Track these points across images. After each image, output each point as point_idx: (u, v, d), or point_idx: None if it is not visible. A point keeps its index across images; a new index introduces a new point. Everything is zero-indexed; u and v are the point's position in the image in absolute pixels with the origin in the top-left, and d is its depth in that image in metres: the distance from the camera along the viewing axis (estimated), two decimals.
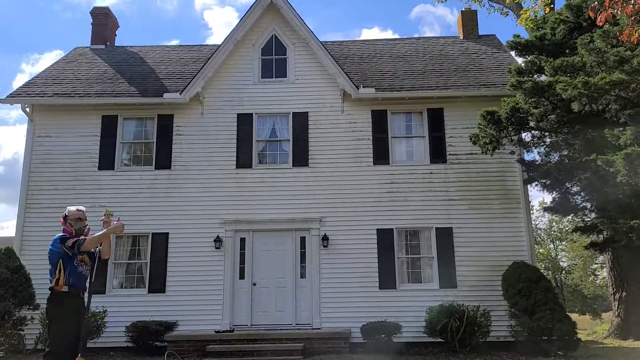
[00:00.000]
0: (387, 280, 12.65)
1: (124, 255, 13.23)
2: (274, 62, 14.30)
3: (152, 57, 16.46)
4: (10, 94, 14.14)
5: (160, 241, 13.06)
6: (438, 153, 13.43)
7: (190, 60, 16.13)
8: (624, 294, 15.77)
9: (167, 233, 13.11)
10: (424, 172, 13.34)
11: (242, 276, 12.93)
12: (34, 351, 11.64)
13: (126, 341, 11.95)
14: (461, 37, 17.17)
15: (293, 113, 13.76)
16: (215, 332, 11.71)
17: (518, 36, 15.05)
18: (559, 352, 10.70)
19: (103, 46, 17.30)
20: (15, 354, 11.46)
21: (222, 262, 12.90)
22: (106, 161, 13.62)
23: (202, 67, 13.88)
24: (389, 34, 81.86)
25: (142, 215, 13.20)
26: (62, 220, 5.96)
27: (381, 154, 13.46)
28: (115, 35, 18.37)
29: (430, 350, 10.85)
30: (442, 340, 11.06)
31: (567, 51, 13.70)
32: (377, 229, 12.95)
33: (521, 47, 14.68)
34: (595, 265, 32.74)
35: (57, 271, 5.69)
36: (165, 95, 13.79)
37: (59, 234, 5.86)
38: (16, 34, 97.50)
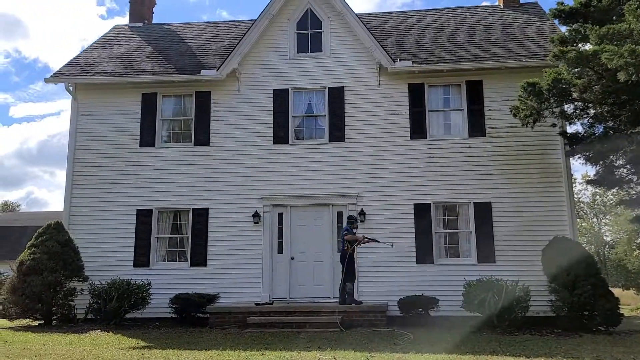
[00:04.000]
0: (424, 254, 12.66)
1: (166, 230, 13.64)
2: (309, 37, 14.21)
3: (188, 34, 16.60)
4: (54, 74, 14.59)
5: (201, 216, 13.39)
6: (477, 126, 13.20)
7: (226, 36, 16.20)
8: None
9: (207, 208, 13.41)
10: (462, 146, 13.15)
11: (280, 250, 13.17)
12: (85, 320, 12.22)
13: (170, 312, 12.41)
14: (501, 6, 16.62)
15: (329, 88, 13.72)
16: (255, 304, 12.00)
17: (562, 3, 14.47)
18: (601, 328, 10.56)
19: (141, 24, 17.53)
20: (67, 323, 12.06)
21: (260, 236, 13.15)
22: (147, 138, 13.96)
23: (238, 43, 13.93)
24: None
25: (182, 191, 13.56)
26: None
27: (418, 128, 13.32)
28: (152, 12, 18.56)
29: (468, 325, 10.85)
30: (479, 315, 11.05)
31: (614, 18, 13.11)
32: (414, 204, 12.91)
33: (565, 15, 14.11)
34: None
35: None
36: (203, 72, 13.94)
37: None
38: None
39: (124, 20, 15.97)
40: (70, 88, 14.24)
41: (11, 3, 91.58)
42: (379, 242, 11.76)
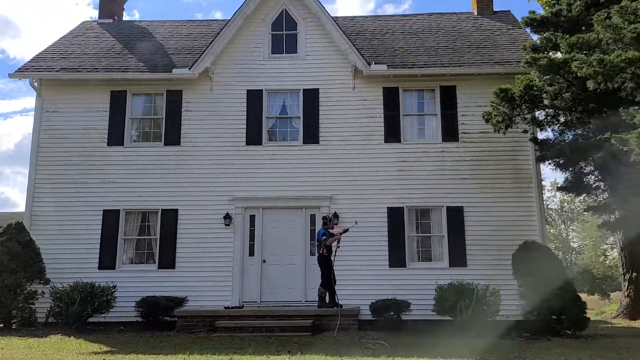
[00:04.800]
0: (397, 258, 12.63)
1: (133, 231, 13.28)
2: (284, 38, 14.09)
3: (160, 32, 16.27)
4: (19, 69, 14.10)
5: (170, 217, 13.08)
6: (450, 131, 13.27)
7: (199, 35, 15.94)
8: (634, 274, 15.72)
9: (177, 209, 13.12)
10: (436, 151, 13.20)
11: (251, 253, 12.96)
12: (46, 324, 11.77)
13: (136, 316, 12.04)
14: (475, 13, 16.81)
15: (303, 90, 13.61)
16: (225, 308, 11.77)
17: (534, 12, 14.74)
18: (568, 332, 10.68)
19: (111, 20, 17.11)
20: (27, 326, 11.59)
21: (231, 239, 12.92)
22: (115, 137, 13.58)
23: (211, 42, 13.71)
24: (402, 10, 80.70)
25: (151, 192, 13.24)
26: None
27: (392, 132, 13.32)
28: (124, 9, 18.16)
29: (440, 329, 10.84)
30: (451, 319, 11.06)
31: (583, 28, 13.41)
32: (388, 207, 12.89)
33: (537, 24, 14.37)
34: (606, 246, 32.67)
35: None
36: (174, 70, 13.66)
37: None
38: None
39: None
40: (35, 84, 13.76)
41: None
42: (348, 229, 11.64)
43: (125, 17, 18.35)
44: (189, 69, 13.53)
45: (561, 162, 12.29)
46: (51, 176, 13.37)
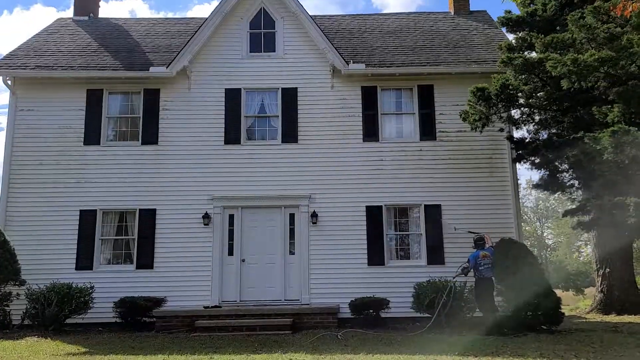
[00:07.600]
0: (375, 256, 12.71)
1: (111, 232, 13.13)
2: (262, 36, 14.06)
3: (137, 30, 16.09)
4: None
5: (148, 217, 12.95)
6: (428, 130, 13.39)
7: (177, 33, 15.81)
8: (607, 270, 16.04)
9: (155, 209, 13.00)
10: (414, 149, 13.31)
11: (230, 252, 12.91)
12: (22, 327, 11.57)
13: (114, 317, 11.92)
14: (452, 13, 16.99)
15: (282, 88, 13.60)
16: (204, 307, 11.74)
17: (509, 12, 14.96)
18: (544, 327, 10.88)
19: (86, 18, 16.86)
20: (2, 329, 11.37)
21: (210, 238, 12.85)
22: (92, 136, 13.40)
23: (189, 41, 13.61)
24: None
25: (128, 191, 13.09)
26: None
27: (371, 131, 13.39)
28: (99, 6, 17.89)
29: (418, 325, 10.96)
30: (429, 316, 11.18)
31: (557, 27, 13.66)
32: (366, 206, 12.96)
33: (512, 23, 14.59)
34: (580, 243, 33.32)
35: None
36: (152, 69, 13.53)
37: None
38: None
39: None
40: (9, 82, 13.49)
41: None
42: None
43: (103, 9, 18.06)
44: (167, 67, 13.41)
45: (536, 160, 12.49)
46: (26, 176, 13.14)
